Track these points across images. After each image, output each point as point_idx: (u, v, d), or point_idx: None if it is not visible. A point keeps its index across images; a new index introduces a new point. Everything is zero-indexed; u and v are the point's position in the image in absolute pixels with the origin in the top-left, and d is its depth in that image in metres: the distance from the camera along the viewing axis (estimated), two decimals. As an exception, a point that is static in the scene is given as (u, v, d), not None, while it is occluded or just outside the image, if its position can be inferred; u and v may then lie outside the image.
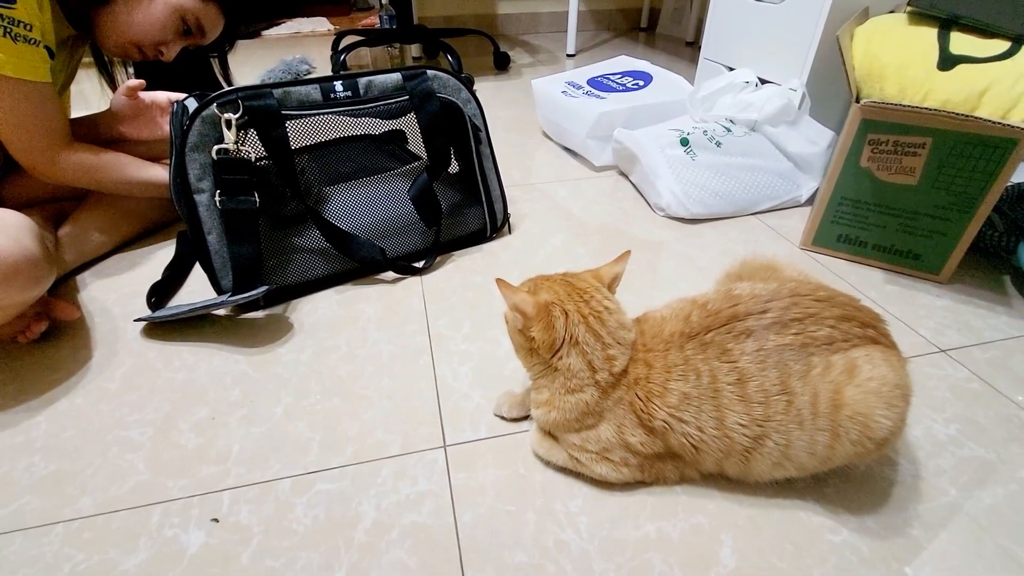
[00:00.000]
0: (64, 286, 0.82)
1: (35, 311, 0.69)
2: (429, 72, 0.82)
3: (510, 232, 0.97)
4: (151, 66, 0.94)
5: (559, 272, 0.54)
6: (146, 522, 0.50)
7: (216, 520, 0.50)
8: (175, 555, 0.48)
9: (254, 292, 0.71)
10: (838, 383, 0.44)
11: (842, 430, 0.43)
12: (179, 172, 0.70)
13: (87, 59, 0.91)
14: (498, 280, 0.48)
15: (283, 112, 0.73)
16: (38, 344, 0.71)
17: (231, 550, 0.48)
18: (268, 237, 0.76)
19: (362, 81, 0.78)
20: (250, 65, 2.11)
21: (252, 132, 0.72)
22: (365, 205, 0.84)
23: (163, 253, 0.89)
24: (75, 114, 0.91)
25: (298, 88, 0.74)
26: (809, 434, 0.44)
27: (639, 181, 1.09)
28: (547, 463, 0.55)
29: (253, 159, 0.72)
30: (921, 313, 0.75)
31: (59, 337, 0.72)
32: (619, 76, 1.32)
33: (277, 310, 0.78)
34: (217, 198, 0.70)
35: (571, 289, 0.50)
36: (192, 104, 0.71)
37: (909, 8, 0.81)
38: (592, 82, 1.29)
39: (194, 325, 0.75)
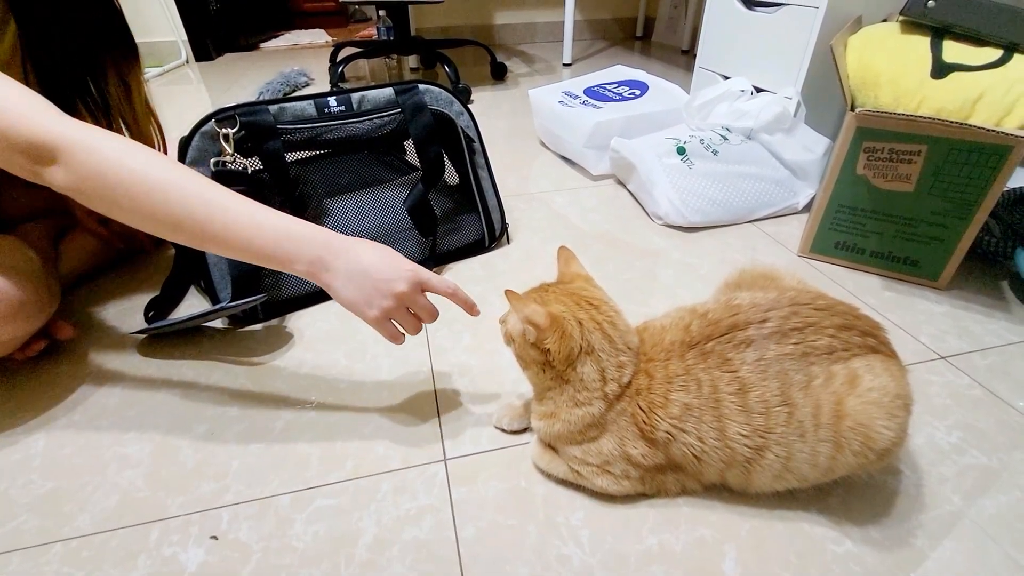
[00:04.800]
0: (63, 302, 0.81)
1: (34, 328, 0.69)
2: (420, 86, 0.83)
3: (509, 242, 0.97)
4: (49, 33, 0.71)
5: (544, 283, 0.53)
6: (145, 540, 0.50)
7: (215, 537, 0.50)
8: (174, 574, 0.47)
9: (253, 298, 0.71)
10: (840, 394, 0.43)
11: (844, 441, 0.43)
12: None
13: None
14: (507, 292, 0.48)
15: (279, 127, 0.74)
16: (36, 360, 0.70)
17: (231, 568, 0.48)
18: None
19: (355, 96, 0.79)
20: (249, 77, 2.12)
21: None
22: (363, 216, 0.84)
23: (162, 268, 0.89)
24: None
25: (293, 104, 0.76)
26: (811, 445, 0.44)
27: (636, 190, 1.09)
28: (548, 476, 0.54)
29: (249, 171, 0.73)
30: (920, 319, 0.75)
31: (57, 353, 0.72)
32: (615, 85, 1.33)
33: (275, 324, 0.78)
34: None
35: (578, 298, 0.49)
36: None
37: (902, 17, 0.82)
38: (588, 91, 1.30)
39: (192, 340, 0.75)
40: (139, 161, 0.49)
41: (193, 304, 0.82)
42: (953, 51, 0.76)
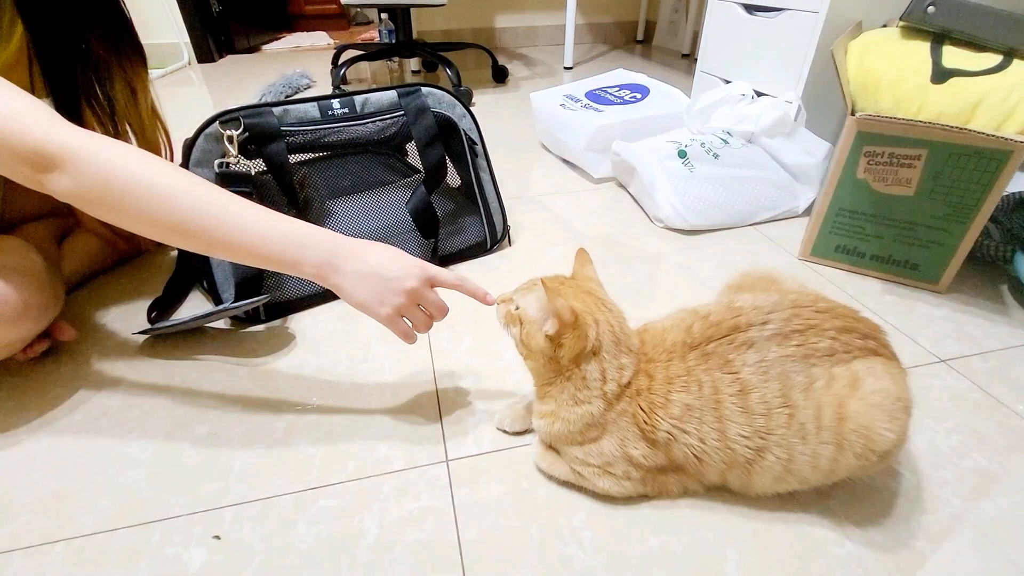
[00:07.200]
0: (66, 302, 0.82)
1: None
2: (423, 89, 0.84)
3: (510, 244, 0.97)
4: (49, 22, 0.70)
5: (559, 275, 0.53)
6: (147, 540, 0.50)
7: (218, 538, 0.50)
8: (177, 574, 0.47)
9: (255, 299, 0.71)
10: (841, 396, 0.44)
11: (847, 443, 0.43)
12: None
13: None
14: (543, 280, 0.47)
15: (282, 129, 0.74)
16: (38, 360, 0.71)
17: (233, 568, 0.48)
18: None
19: (358, 99, 0.80)
20: (251, 79, 2.13)
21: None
22: (365, 218, 0.84)
23: (165, 269, 0.90)
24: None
25: (297, 106, 0.76)
26: (812, 447, 0.44)
27: (638, 193, 1.09)
28: (550, 477, 0.55)
29: (253, 172, 0.73)
30: (921, 323, 0.76)
31: (59, 353, 0.72)
32: (616, 89, 1.33)
33: (278, 325, 0.78)
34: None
35: (594, 298, 0.50)
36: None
37: (902, 23, 0.82)
38: (590, 95, 1.30)
39: (195, 341, 0.75)
40: (145, 168, 0.49)
41: (195, 305, 0.82)
42: (953, 56, 0.77)
